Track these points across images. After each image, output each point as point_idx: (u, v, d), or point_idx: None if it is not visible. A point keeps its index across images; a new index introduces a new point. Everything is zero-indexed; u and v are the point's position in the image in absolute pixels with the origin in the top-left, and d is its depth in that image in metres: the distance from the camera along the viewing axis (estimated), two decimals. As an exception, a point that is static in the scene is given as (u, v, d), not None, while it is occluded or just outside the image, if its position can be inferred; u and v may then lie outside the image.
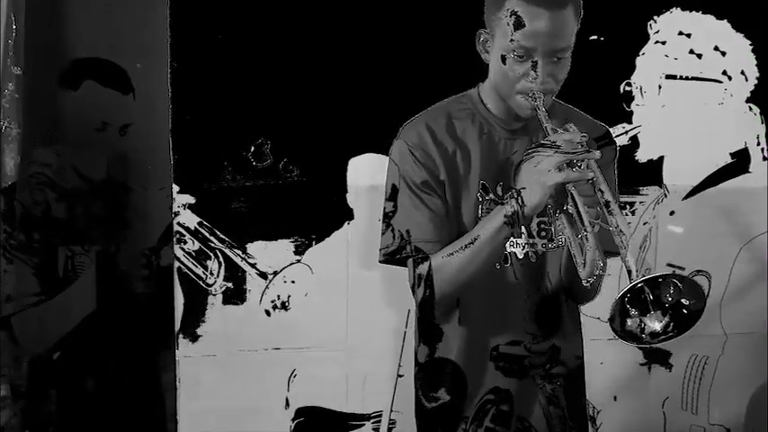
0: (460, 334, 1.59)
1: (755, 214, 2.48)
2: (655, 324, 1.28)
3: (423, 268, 1.52)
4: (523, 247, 1.57)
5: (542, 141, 1.40)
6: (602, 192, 1.33)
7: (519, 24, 1.41)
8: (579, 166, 1.34)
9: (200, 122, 2.14)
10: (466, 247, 1.47)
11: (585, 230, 1.33)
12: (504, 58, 1.46)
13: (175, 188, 2.14)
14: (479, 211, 1.55)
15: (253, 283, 2.22)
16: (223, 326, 2.21)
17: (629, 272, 1.24)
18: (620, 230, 1.28)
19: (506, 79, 1.47)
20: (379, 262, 1.60)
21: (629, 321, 1.27)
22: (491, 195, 1.55)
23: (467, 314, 1.58)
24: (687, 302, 1.27)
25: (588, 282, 1.36)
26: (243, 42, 2.15)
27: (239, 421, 2.25)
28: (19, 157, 2.17)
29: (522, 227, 1.47)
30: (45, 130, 2.29)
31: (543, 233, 1.58)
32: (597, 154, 1.34)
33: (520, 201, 1.40)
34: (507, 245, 1.53)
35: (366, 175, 2.22)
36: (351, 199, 2.24)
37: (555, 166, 1.33)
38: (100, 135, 2.36)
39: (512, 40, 1.42)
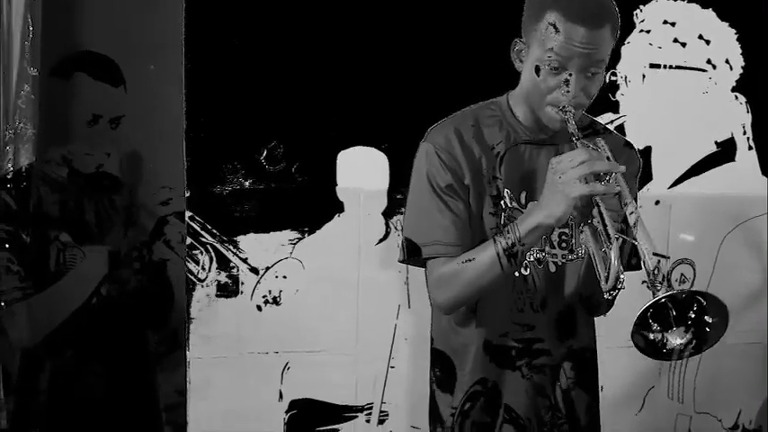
0: (478, 336, 1.60)
1: (741, 202, 2.50)
2: (676, 340, 1.28)
3: (442, 270, 1.53)
4: (544, 256, 1.58)
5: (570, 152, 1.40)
6: (627, 206, 1.33)
7: (556, 38, 1.42)
8: (607, 180, 1.34)
9: (213, 124, 2.15)
10: (470, 261, 1.49)
11: (611, 244, 1.32)
12: (537, 70, 1.47)
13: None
14: (501, 219, 1.56)
15: (244, 277, 2.23)
16: (215, 320, 2.21)
17: (654, 286, 1.24)
18: (646, 246, 1.28)
19: (538, 90, 1.48)
20: (399, 261, 1.61)
21: (650, 336, 1.27)
22: (514, 203, 1.56)
23: (484, 318, 1.60)
24: (710, 320, 1.26)
25: (610, 294, 1.35)
26: (256, 45, 2.16)
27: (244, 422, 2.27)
28: (34, 157, 2.18)
29: (525, 252, 1.47)
30: (60, 129, 2.30)
31: (564, 244, 1.59)
32: (623, 168, 1.35)
33: (517, 233, 1.42)
34: (528, 254, 1.54)
35: (356, 168, 2.25)
36: (341, 192, 2.25)
37: (580, 177, 1.33)
38: (92, 128, 2.36)
39: (548, 52, 1.43)
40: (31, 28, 2.14)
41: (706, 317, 1.26)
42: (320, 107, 2.21)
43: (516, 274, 1.55)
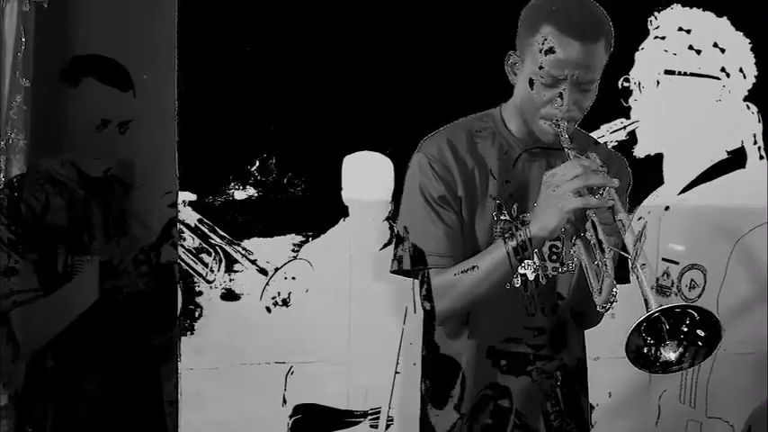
0: (470, 348, 1.60)
1: (751, 209, 2.49)
2: (670, 354, 1.27)
3: (435, 281, 1.52)
4: (534, 269, 1.58)
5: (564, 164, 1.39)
6: (621, 221, 1.32)
7: (550, 52, 1.42)
8: (601, 193, 1.34)
9: (207, 134, 2.15)
10: (470, 270, 1.48)
11: (605, 257, 1.33)
12: (531, 83, 1.47)
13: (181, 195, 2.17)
14: (494, 231, 1.56)
15: (253, 279, 2.23)
16: (222, 321, 2.22)
17: (647, 301, 1.23)
18: (639, 260, 1.27)
19: (532, 103, 1.48)
20: (391, 272, 1.61)
21: (644, 350, 1.27)
22: (506, 216, 1.56)
23: (476, 330, 1.59)
24: (703, 334, 1.26)
25: (604, 308, 1.35)
26: (250, 53, 2.16)
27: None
28: (25, 167, 2.19)
29: (533, 252, 1.46)
30: (52, 139, 2.30)
31: (554, 257, 1.59)
32: (616, 182, 1.34)
33: (527, 232, 1.41)
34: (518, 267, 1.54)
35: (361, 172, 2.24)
36: (345, 196, 2.25)
37: (574, 190, 1.33)
38: (100, 133, 2.36)
39: (541, 67, 1.43)
40: (23, 39, 2.15)
41: (698, 330, 1.26)
42: (324, 112, 2.21)
43: (507, 285, 1.55)
